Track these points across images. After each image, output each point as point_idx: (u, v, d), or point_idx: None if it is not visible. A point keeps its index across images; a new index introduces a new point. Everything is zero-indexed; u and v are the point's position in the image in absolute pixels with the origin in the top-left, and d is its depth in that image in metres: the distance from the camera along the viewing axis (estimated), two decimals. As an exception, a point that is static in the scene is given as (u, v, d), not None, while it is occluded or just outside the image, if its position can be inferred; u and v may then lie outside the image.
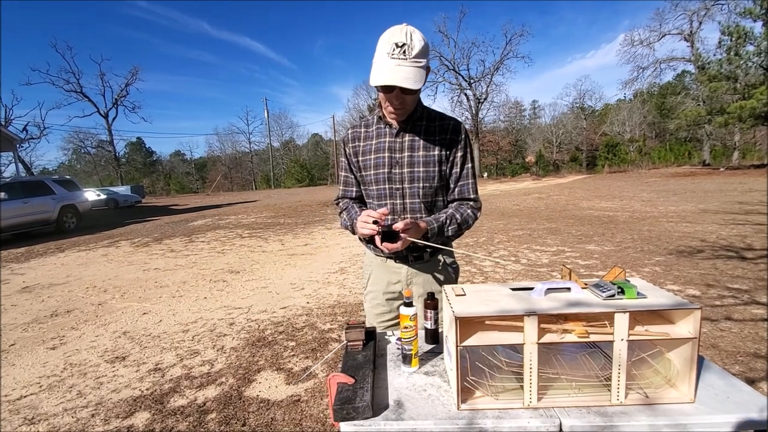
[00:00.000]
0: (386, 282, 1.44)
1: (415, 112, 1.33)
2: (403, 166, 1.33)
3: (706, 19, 26.91)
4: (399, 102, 1.24)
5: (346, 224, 1.43)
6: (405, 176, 1.33)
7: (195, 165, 52.37)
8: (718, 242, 5.47)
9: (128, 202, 21.02)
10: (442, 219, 1.31)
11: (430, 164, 1.32)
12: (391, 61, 1.14)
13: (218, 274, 5.37)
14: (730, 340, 2.68)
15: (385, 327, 1.46)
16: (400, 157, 1.33)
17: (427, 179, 1.32)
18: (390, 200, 1.35)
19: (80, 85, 32.40)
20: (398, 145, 1.33)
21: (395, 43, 1.14)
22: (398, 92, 1.20)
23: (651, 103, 37.98)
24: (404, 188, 1.34)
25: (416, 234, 1.24)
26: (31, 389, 2.58)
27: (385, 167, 1.33)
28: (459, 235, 1.37)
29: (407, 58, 1.14)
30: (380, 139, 1.36)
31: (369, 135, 1.39)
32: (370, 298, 1.48)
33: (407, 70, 1.14)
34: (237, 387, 2.45)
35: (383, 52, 1.16)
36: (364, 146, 1.39)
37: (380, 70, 1.16)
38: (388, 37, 1.15)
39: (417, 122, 1.33)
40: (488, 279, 4.44)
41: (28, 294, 4.91)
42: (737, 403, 0.90)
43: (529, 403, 0.91)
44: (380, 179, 1.35)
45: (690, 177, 18.51)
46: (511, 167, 40.70)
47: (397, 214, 1.35)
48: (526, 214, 9.72)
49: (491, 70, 35.11)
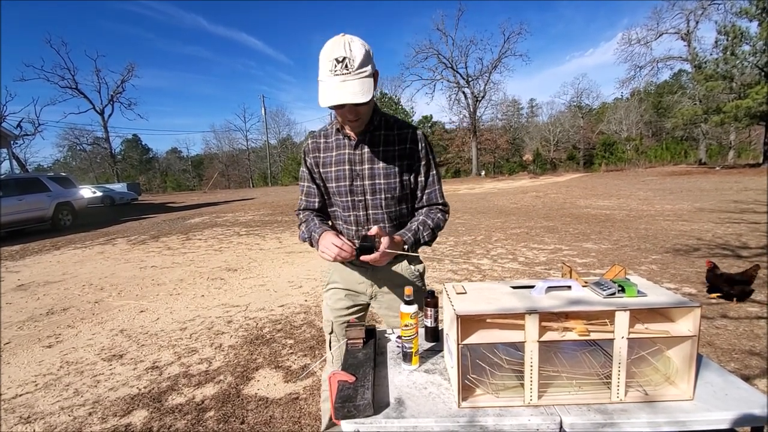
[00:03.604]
0: (351, 281, 1.46)
1: (372, 121, 1.31)
2: (364, 178, 1.32)
3: (702, 19, 27.00)
4: (353, 115, 1.22)
5: (304, 237, 1.41)
6: (367, 188, 1.33)
7: (192, 162, 52.10)
8: (714, 240, 5.51)
9: (124, 199, 20.87)
10: (414, 227, 1.33)
11: (391, 176, 1.32)
12: (335, 78, 1.12)
13: (216, 271, 5.35)
14: (726, 338, 2.71)
15: (341, 322, 1.47)
16: (360, 169, 1.32)
17: (389, 190, 1.33)
18: (353, 212, 1.36)
19: (75, 81, 32.03)
20: (358, 158, 1.32)
21: (335, 59, 1.11)
22: (350, 106, 1.18)
23: (648, 101, 38.08)
24: (366, 200, 1.34)
25: (396, 248, 1.26)
26: (27, 388, 2.56)
27: (346, 180, 1.33)
28: (434, 239, 1.39)
29: (351, 72, 1.12)
30: (340, 151, 1.35)
31: (329, 146, 1.37)
32: (332, 293, 1.49)
33: (353, 84, 1.12)
34: (235, 385, 2.45)
35: (326, 70, 1.13)
36: (325, 158, 1.38)
37: (326, 90, 1.14)
38: (328, 54, 1.13)
39: (375, 132, 1.32)
40: (486, 277, 4.45)
41: (24, 292, 4.88)
42: (735, 399, 0.91)
43: (529, 400, 0.92)
44: (342, 192, 1.35)
45: (686, 176, 18.60)
46: (509, 165, 40.72)
47: (362, 225, 1.37)
48: (524, 212, 9.74)
49: (489, 68, 35.09)
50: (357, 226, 1.37)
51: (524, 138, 46.90)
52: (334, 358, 1.50)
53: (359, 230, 1.37)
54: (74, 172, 37.34)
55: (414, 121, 45.24)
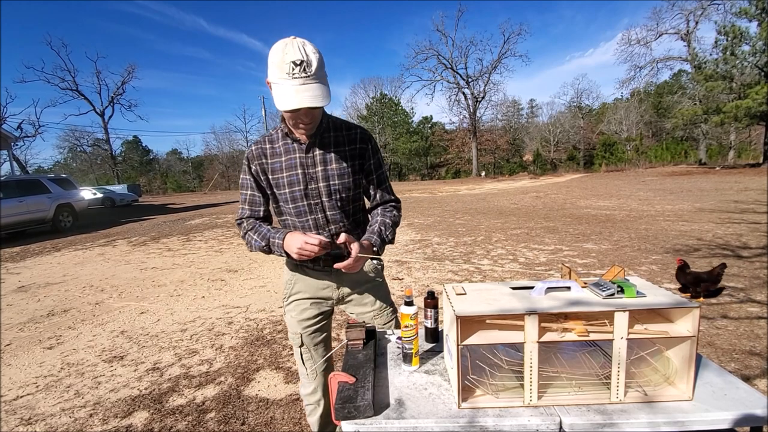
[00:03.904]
0: (313, 288, 1.45)
1: (321, 124, 1.31)
2: (318, 180, 1.31)
3: (702, 19, 27.05)
4: (309, 118, 1.22)
5: (260, 245, 1.33)
6: (322, 191, 1.32)
7: (192, 163, 52.13)
8: (714, 241, 5.51)
9: (125, 200, 20.91)
10: (376, 229, 1.35)
11: (345, 176, 1.33)
12: (294, 81, 1.10)
13: (216, 273, 5.36)
14: (726, 338, 2.70)
15: (310, 332, 1.46)
16: (314, 172, 1.31)
17: (345, 190, 1.34)
18: (311, 215, 1.35)
19: (76, 83, 32.19)
20: (311, 161, 1.31)
21: (293, 62, 1.09)
22: (307, 110, 1.17)
23: (648, 102, 38.10)
24: (323, 202, 1.33)
25: (367, 252, 1.27)
26: (28, 389, 2.57)
27: (300, 184, 1.31)
28: (395, 236, 1.43)
29: (309, 75, 1.10)
30: (290, 156, 1.32)
31: (276, 152, 1.34)
32: (296, 304, 1.46)
33: (313, 88, 1.11)
34: (236, 386, 2.45)
35: (282, 72, 1.11)
36: (273, 163, 1.34)
37: (285, 94, 1.11)
38: (282, 56, 1.10)
39: (325, 134, 1.32)
40: (486, 278, 4.46)
41: (24, 293, 4.89)
42: (734, 400, 0.91)
43: (529, 401, 0.92)
44: (297, 197, 1.33)
45: (686, 176, 18.61)
46: (509, 166, 40.75)
47: (321, 227, 1.36)
48: (524, 212, 9.74)
49: (489, 68, 35.24)
50: (317, 229, 1.36)
51: (524, 138, 46.91)
52: (308, 370, 1.49)
53: (320, 233, 1.35)
54: (74, 173, 37.41)
55: (414, 122, 45.29)
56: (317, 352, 1.49)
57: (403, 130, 43.40)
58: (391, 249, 6.17)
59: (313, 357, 1.48)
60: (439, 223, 8.56)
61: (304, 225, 1.36)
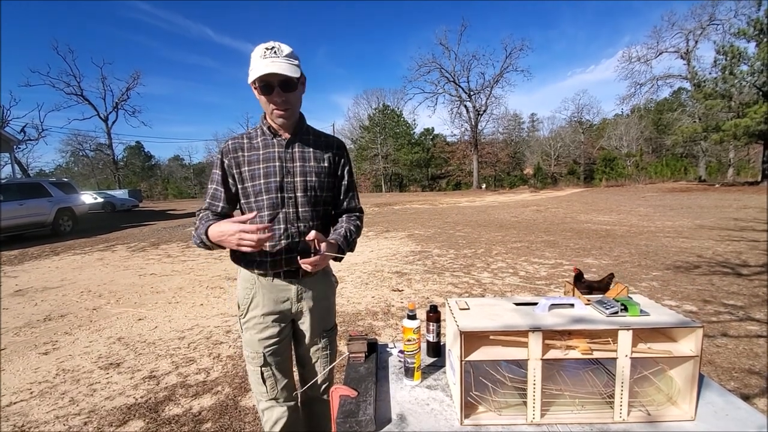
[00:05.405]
0: (273, 302, 1.38)
1: (301, 126, 1.40)
2: (295, 175, 1.35)
3: (702, 38, 27.49)
4: (281, 99, 1.27)
5: (201, 236, 1.29)
6: (298, 185, 1.35)
7: (193, 170, 52.31)
8: (714, 258, 5.50)
9: (125, 205, 20.90)
10: (343, 233, 1.39)
11: (322, 174, 1.39)
12: (265, 59, 1.23)
13: (215, 280, 5.34)
14: (726, 356, 2.69)
15: (272, 351, 1.39)
16: (292, 166, 1.35)
17: (320, 188, 1.38)
18: (282, 209, 1.34)
19: (81, 88, 32.41)
20: (289, 155, 1.35)
21: (266, 48, 1.24)
22: (278, 90, 1.25)
23: (648, 118, 38.43)
24: (297, 197, 1.35)
25: (333, 250, 1.29)
26: (22, 395, 2.54)
27: (277, 176, 1.33)
28: (356, 244, 1.47)
29: (279, 57, 1.24)
30: (268, 150, 1.35)
31: (254, 146, 1.37)
32: (254, 323, 1.38)
33: (281, 63, 1.22)
34: (233, 396, 2.42)
35: (256, 56, 1.24)
36: (250, 156, 1.35)
37: (256, 68, 1.23)
38: (258, 49, 1.25)
39: (305, 135, 1.40)
40: (487, 291, 4.44)
41: (21, 297, 4.86)
42: (736, 420, 0.91)
43: (532, 419, 0.92)
44: (271, 188, 1.33)
45: (686, 192, 18.67)
46: (509, 179, 40.91)
47: (291, 222, 1.35)
48: (524, 226, 9.75)
49: (491, 82, 35.54)
50: (286, 224, 1.34)
51: (525, 152, 47.21)
52: (269, 389, 1.40)
53: (288, 228, 1.34)
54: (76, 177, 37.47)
55: (416, 134, 45.61)
56: (281, 371, 1.41)
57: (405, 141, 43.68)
58: (392, 260, 6.16)
59: (275, 375, 1.40)
60: (440, 235, 8.56)
61: (273, 219, 1.34)
